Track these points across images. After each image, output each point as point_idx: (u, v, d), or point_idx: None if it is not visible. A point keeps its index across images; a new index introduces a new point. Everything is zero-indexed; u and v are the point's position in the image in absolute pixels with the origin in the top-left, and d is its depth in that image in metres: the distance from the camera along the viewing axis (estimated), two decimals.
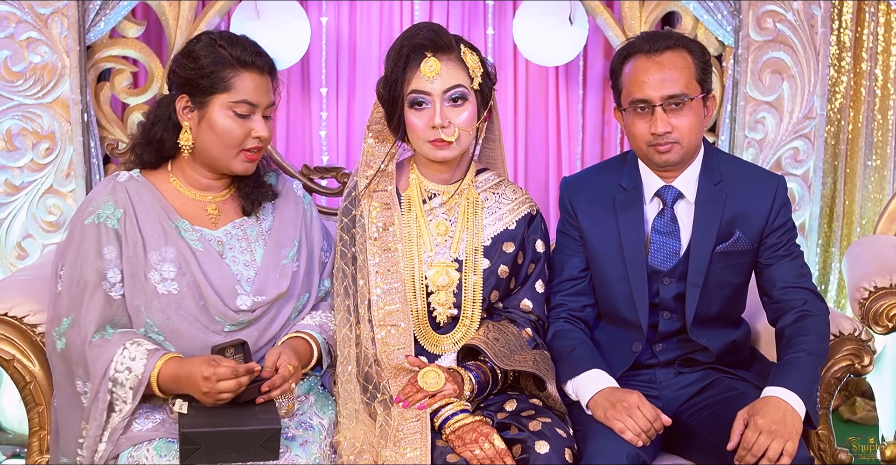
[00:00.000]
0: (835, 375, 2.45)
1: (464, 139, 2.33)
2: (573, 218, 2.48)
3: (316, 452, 2.19)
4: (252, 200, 2.35)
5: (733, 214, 2.37)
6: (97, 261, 2.18)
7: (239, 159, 2.27)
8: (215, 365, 2.06)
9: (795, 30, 3.53)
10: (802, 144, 3.62)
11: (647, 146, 2.35)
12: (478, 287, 2.38)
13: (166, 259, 2.21)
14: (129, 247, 2.20)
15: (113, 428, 2.12)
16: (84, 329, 2.14)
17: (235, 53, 2.23)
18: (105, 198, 2.23)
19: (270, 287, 2.30)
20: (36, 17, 3.31)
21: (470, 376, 2.30)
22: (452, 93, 2.30)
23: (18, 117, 3.36)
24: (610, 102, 3.84)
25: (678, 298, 2.39)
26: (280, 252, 2.35)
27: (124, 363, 2.11)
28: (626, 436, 2.16)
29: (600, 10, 3.53)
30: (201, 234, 2.28)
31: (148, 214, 2.24)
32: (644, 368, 2.44)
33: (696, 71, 2.32)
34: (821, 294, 2.43)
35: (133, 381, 2.10)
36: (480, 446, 2.15)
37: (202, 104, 2.23)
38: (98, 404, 2.11)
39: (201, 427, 2.02)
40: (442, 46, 2.30)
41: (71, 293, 2.18)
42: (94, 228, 2.19)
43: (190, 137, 2.25)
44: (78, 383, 2.15)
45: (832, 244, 3.77)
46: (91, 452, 2.13)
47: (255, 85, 2.24)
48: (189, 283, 2.21)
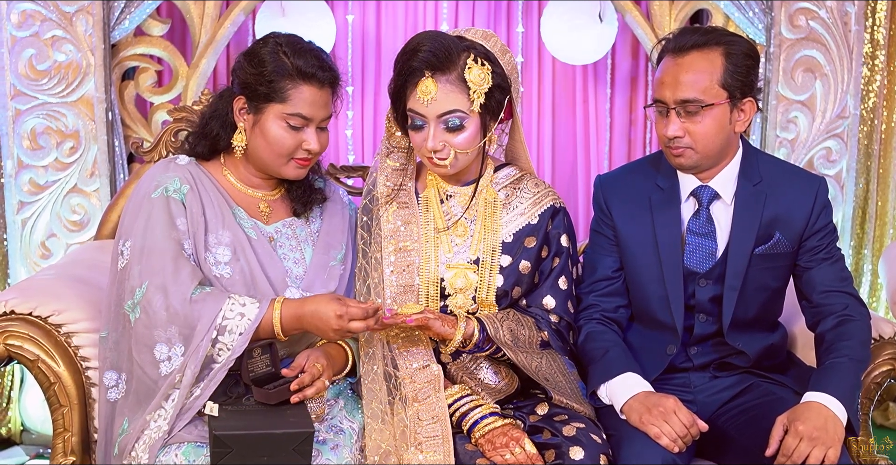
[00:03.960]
0: (875, 380, 2.40)
1: (461, 158, 2.27)
2: (607, 217, 2.44)
3: (347, 456, 2.16)
4: (304, 203, 2.34)
5: (773, 215, 2.32)
6: (172, 230, 2.15)
7: (290, 166, 2.25)
8: (344, 304, 2.08)
9: (828, 27, 3.48)
10: (835, 144, 3.56)
11: (664, 147, 2.32)
12: (492, 289, 2.33)
13: (221, 243, 2.20)
14: (192, 224, 2.18)
15: (182, 405, 2.08)
16: (182, 287, 2.10)
17: (297, 64, 2.17)
18: (170, 174, 2.21)
19: (318, 286, 2.28)
20: (61, 15, 3.30)
21: (474, 321, 2.25)
22: (447, 118, 2.22)
23: (43, 116, 3.35)
24: (637, 101, 3.81)
25: (714, 300, 2.34)
26: (329, 253, 2.33)
27: (235, 310, 2.09)
28: (661, 442, 2.11)
29: (629, 8, 3.49)
30: (255, 224, 2.27)
31: (208, 196, 2.23)
32: (678, 371, 2.40)
33: (724, 75, 2.22)
34: (862, 299, 2.38)
35: (245, 325, 2.08)
36: (511, 450, 2.11)
37: (258, 110, 2.20)
38: (195, 358, 2.07)
39: (233, 430, 1.99)
40: (441, 66, 2.20)
41: (143, 262, 2.13)
42: (163, 201, 2.17)
43: (244, 138, 2.23)
44: (160, 349, 2.09)
45: (865, 246, 3.71)
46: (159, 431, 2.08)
47: (312, 99, 2.19)
48: (242, 269, 2.20)
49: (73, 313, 2.33)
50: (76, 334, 2.33)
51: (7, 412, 3.48)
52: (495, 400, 2.29)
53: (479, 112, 2.24)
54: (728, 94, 2.24)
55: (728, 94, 2.24)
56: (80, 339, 2.33)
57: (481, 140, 2.28)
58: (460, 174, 2.36)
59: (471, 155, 2.29)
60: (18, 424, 3.51)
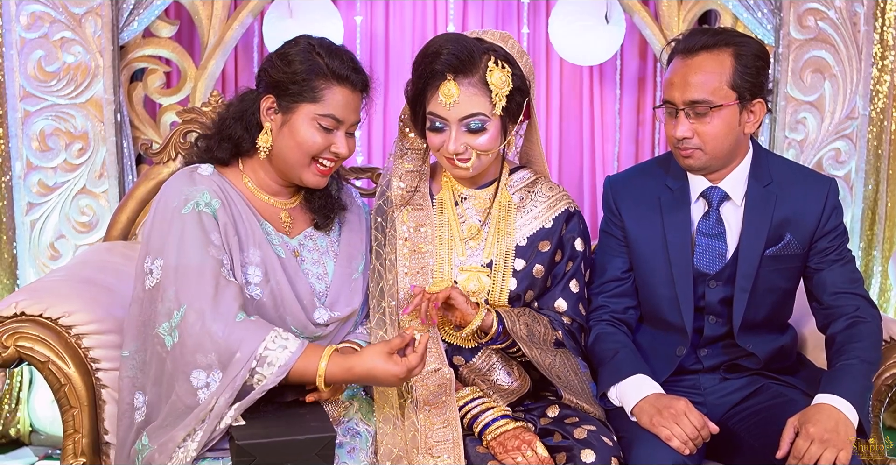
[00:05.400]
0: (885, 382, 2.39)
1: (483, 159, 2.27)
2: (617, 218, 2.43)
3: (364, 459, 2.15)
4: (324, 215, 2.29)
5: (783, 217, 2.32)
6: (209, 247, 2.06)
7: (311, 171, 2.19)
8: (397, 362, 1.99)
9: (837, 28, 3.47)
10: (844, 145, 3.55)
11: (673, 148, 2.31)
12: (504, 292, 2.32)
13: (252, 262, 2.14)
14: (227, 242, 2.11)
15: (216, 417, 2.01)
16: (224, 312, 2.01)
17: (332, 65, 2.14)
18: (198, 187, 2.12)
19: (342, 303, 2.25)
20: (70, 16, 3.31)
21: (493, 313, 2.24)
22: (469, 122, 2.22)
23: (52, 118, 3.36)
24: (645, 102, 3.81)
25: (724, 302, 2.34)
26: (351, 265, 2.30)
27: (278, 342, 2.01)
28: (672, 444, 2.11)
29: (637, 9, 3.48)
30: (283, 240, 2.22)
31: (239, 213, 2.16)
32: (688, 373, 2.40)
33: (733, 76, 2.22)
34: (873, 301, 2.37)
35: (285, 358, 2.00)
36: (523, 453, 2.11)
37: (288, 109, 2.15)
38: (231, 387, 1.99)
39: (256, 439, 1.96)
40: (464, 69, 2.19)
41: (179, 283, 2.04)
42: (195, 216, 2.08)
43: (269, 139, 2.18)
44: (197, 376, 2.01)
45: (874, 247, 3.69)
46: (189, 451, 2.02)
47: (345, 101, 2.16)
48: (272, 290, 2.14)
49: (84, 315, 2.32)
50: (86, 335, 2.32)
51: (16, 412, 3.49)
52: (507, 402, 2.29)
53: (500, 115, 2.23)
54: (737, 95, 2.23)
55: (737, 95, 2.23)
56: (91, 340, 2.32)
57: (501, 142, 2.28)
58: (477, 177, 2.35)
59: (491, 156, 2.28)
60: (27, 425, 3.51)
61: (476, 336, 2.26)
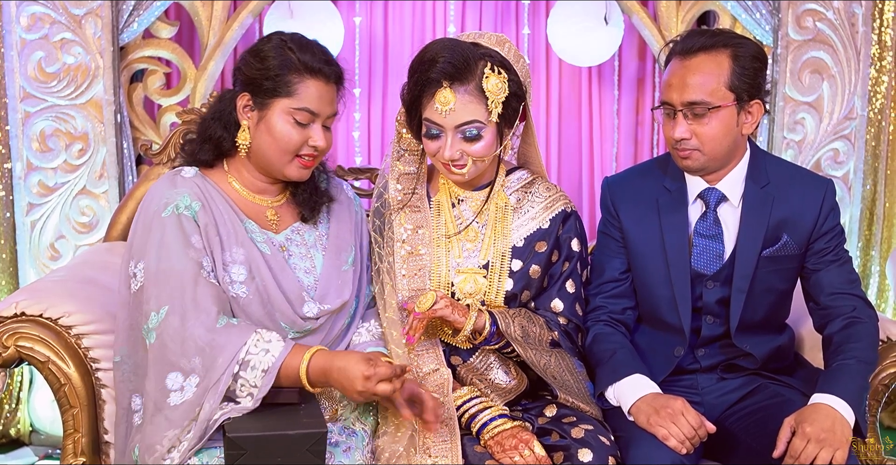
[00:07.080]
0: (882, 382, 2.40)
1: (479, 165, 2.27)
2: (615, 218, 2.44)
3: (359, 458, 2.16)
4: (310, 207, 2.29)
5: (781, 217, 2.32)
6: (189, 249, 2.08)
7: (293, 166, 2.20)
8: (374, 364, 1.98)
9: (836, 29, 3.48)
10: (842, 146, 3.56)
11: (671, 149, 2.32)
12: (501, 293, 2.33)
13: (235, 261, 2.14)
14: (208, 243, 2.12)
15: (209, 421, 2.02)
16: (203, 315, 2.03)
17: (304, 59, 2.15)
18: (178, 190, 2.14)
19: (333, 296, 2.25)
20: (70, 17, 3.31)
21: (486, 314, 2.24)
22: (465, 129, 2.22)
23: (52, 118, 3.37)
24: (644, 103, 3.82)
25: (722, 302, 2.35)
26: (340, 257, 2.30)
27: (260, 346, 2.02)
28: (669, 443, 2.11)
29: (636, 10, 3.49)
30: (267, 237, 2.22)
31: (220, 212, 2.16)
32: (685, 373, 2.40)
33: (731, 77, 2.22)
34: (870, 301, 2.38)
35: (268, 363, 2.01)
36: (520, 452, 2.11)
37: (263, 106, 2.17)
38: (214, 392, 2.00)
39: (247, 431, 1.98)
40: (460, 76, 2.19)
41: (160, 286, 2.06)
42: (174, 219, 2.09)
43: (248, 137, 2.19)
44: (173, 378, 2.03)
45: (872, 247, 3.70)
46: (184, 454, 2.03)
47: (319, 94, 2.16)
48: (258, 288, 2.15)
49: (84, 315, 2.33)
50: (86, 335, 2.33)
51: (16, 412, 3.50)
52: (505, 401, 2.30)
53: (496, 122, 2.23)
54: (735, 96, 2.24)
55: (735, 96, 2.24)
56: (90, 340, 2.33)
57: (498, 148, 2.28)
58: (474, 179, 2.36)
59: (487, 162, 2.29)
60: (27, 425, 3.52)
61: (471, 337, 2.27)
